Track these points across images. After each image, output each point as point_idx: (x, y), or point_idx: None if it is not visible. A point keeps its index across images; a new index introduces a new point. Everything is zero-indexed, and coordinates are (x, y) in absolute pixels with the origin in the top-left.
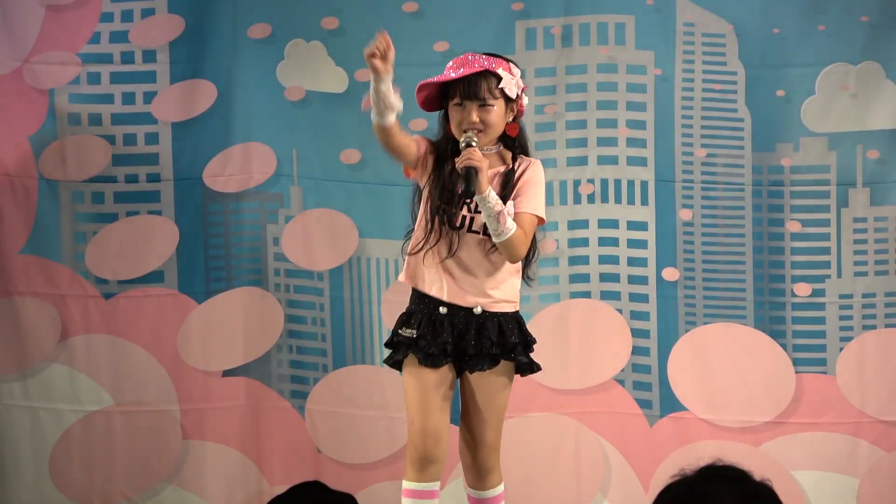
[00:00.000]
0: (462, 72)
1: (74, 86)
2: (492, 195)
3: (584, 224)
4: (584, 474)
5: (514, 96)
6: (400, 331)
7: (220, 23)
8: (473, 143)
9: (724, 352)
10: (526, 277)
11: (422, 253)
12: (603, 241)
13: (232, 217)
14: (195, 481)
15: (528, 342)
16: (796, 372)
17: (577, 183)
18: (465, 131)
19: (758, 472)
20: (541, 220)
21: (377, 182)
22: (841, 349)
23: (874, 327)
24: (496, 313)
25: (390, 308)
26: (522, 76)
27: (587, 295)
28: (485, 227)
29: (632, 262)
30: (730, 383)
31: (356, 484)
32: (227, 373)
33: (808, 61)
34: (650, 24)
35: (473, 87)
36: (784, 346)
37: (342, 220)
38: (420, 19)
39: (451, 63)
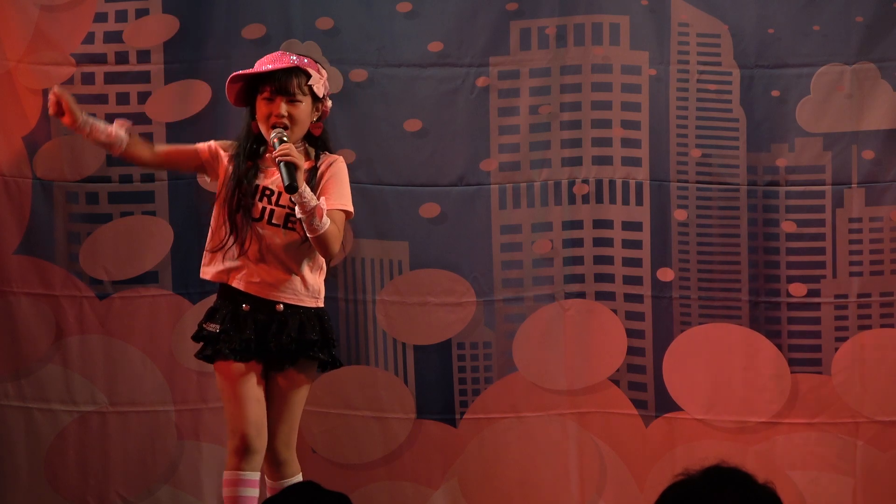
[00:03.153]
0: (273, 66)
1: (68, 86)
2: (307, 191)
3: (578, 224)
4: (579, 474)
5: (321, 95)
6: (205, 325)
7: (214, 23)
8: (286, 139)
9: (719, 352)
10: (329, 274)
11: (223, 249)
12: (598, 242)
13: None
14: (190, 481)
15: (329, 339)
16: (791, 372)
17: (571, 183)
18: (272, 126)
19: (752, 472)
20: (349, 215)
21: (371, 182)
22: (836, 349)
23: (869, 327)
24: (298, 308)
25: (385, 308)
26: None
27: (582, 295)
28: (285, 219)
29: (627, 262)
30: (725, 383)
31: (350, 484)
32: None
33: (803, 62)
34: (645, 24)
35: (284, 82)
36: (779, 347)
37: None
38: (414, 19)
39: (262, 59)
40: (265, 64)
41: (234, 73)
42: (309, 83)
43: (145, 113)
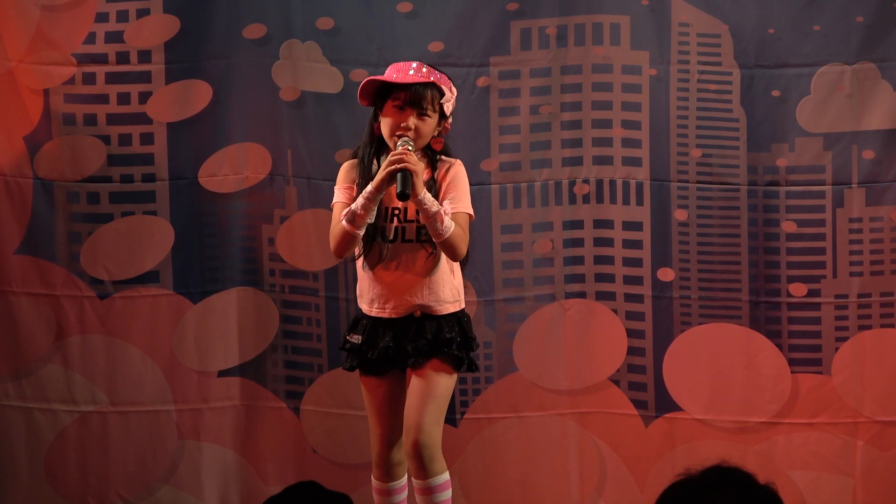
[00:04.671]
0: (413, 78)
1: (69, 86)
2: (427, 197)
3: (579, 224)
4: (579, 474)
5: (448, 113)
6: (348, 337)
7: (215, 23)
8: (411, 146)
9: (719, 352)
10: (464, 276)
11: (361, 261)
12: (598, 242)
13: (227, 217)
14: (190, 481)
15: (467, 339)
16: (792, 372)
17: (571, 183)
18: (398, 136)
19: (753, 472)
20: (470, 217)
21: None
22: (836, 349)
23: (870, 327)
24: (436, 316)
25: None
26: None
27: (582, 295)
28: (417, 234)
29: (627, 262)
30: (725, 384)
31: (351, 484)
32: (222, 373)
33: (804, 62)
34: (645, 24)
35: (419, 96)
36: (779, 347)
37: None
38: (414, 19)
39: (401, 65)
40: (405, 71)
41: (371, 78)
42: (441, 101)
43: (146, 113)
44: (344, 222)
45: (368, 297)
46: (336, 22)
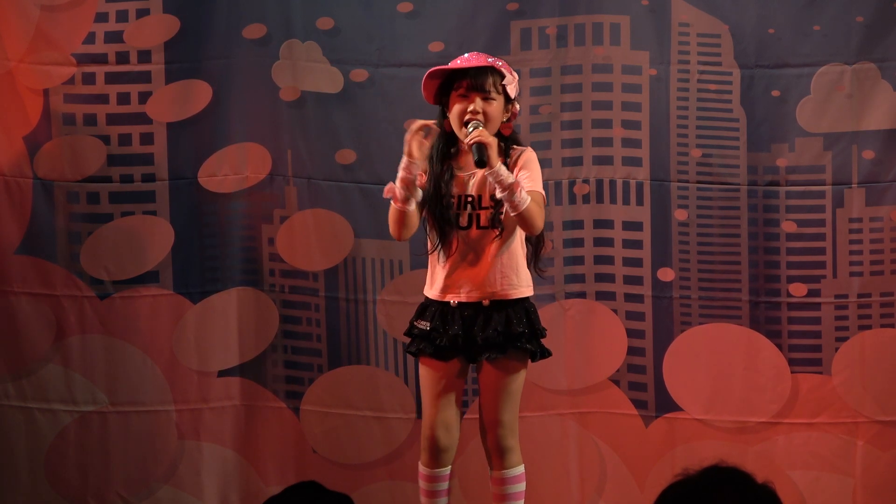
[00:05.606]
0: (470, 64)
1: (69, 86)
2: (502, 168)
3: (579, 224)
4: (579, 474)
5: (513, 96)
6: (416, 322)
7: (215, 23)
8: (481, 126)
9: (719, 352)
10: (537, 269)
11: (435, 253)
12: (598, 242)
13: (227, 217)
14: (191, 481)
15: (535, 330)
16: (792, 372)
17: (572, 183)
18: (465, 123)
19: (752, 472)
20: (543, 199)
21: (372, 182)
22: (837, 349)
23: (870, 327)
24: (504, 302)
25: (385, 308)
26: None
27: (582, 295)
28: (492, 221)
29: (627, 262)
30: (725, 384)
31: (351, 484)
32: (222, 373)
33: (804, 62)
34: (645, 24)
35: (480, 79)
36: (779, 347)
37: (337, 221)
38: (415, 19)
39: (457, 59)
40: (463, 62)
41: (433, 69)
42: (503, 83)
43: (146, 113)
44: (391, 202)
45: (440, 284)
46: (336, 22)
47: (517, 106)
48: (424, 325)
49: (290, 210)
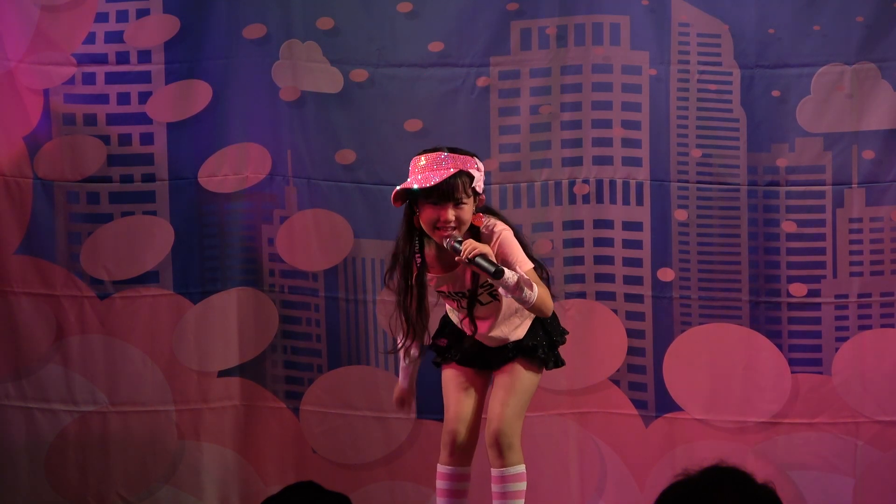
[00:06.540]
0: (438, 177)
1: (69, 86)
2: (506, 273)
3: (579, 224)
4: (579, 474)
5: (480, 191)
6: (436, 341)
7: (215, 23)
8: (459, 241)
9: (719, 352)
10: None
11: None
12: (598, 242)
13: (227, 217)
14: (190, 481)
15: (553, 340)
16: (792, 372)
17: (572, 183)
18: (437, 228)
19: (752, 472)
20: (533, 267)
21: (372, 182)
22: (837, 349)
23: (870, 327)
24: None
25: (385, 309)
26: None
27: (582, 295)
28: (492, 295)
29: (627, 262)
30: (725, 384)
31: (350, 484)
32: (222, 373)
33: (804, 62)
34: (645, 24)
35: (451, 190)
36: (780, 347)
37: (337, 221)
38: (414, 19)
39: (422, 162)
40: (430, 167)
41: (400, 187)
42: (472, 185)
43: (146, 113)
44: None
45: (455, 321)
46: (336, 22)
47: (483, 196)
48: (443, 342)
49: (290, 210)
